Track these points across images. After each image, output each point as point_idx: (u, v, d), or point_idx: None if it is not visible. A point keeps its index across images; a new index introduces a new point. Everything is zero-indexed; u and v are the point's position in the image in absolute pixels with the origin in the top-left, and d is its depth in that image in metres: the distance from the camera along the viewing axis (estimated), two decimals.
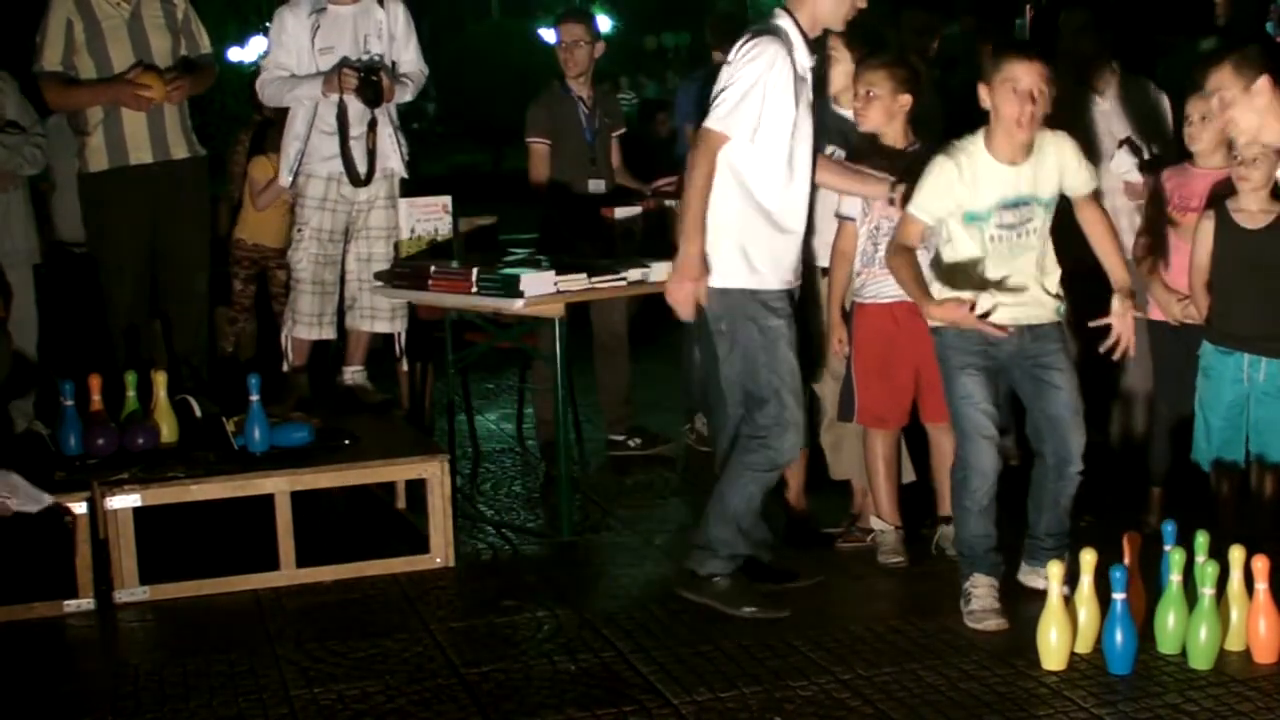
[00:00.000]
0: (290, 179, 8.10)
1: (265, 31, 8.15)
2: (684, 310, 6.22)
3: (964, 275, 6.09)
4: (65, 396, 7.02)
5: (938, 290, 6.09)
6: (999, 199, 5.99)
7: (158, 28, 8.12)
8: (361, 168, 7.95)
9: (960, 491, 6.19)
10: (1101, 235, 6.23)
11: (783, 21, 6.22)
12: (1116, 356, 6.15)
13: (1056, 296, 6.13)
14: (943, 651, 5.82)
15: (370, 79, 7.82)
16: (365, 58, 7.91)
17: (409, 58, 8.16)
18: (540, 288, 7.21)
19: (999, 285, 6.06)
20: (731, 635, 6.05)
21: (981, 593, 6.10)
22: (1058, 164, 6.05)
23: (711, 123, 6.09)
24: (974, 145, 6.03)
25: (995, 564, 6.17)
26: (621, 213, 8.19)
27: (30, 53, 8.11)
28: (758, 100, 6.07)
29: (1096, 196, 6.27)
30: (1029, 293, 6.09)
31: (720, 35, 9.07)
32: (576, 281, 7.33)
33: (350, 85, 7.82)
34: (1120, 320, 6.07)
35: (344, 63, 7.86)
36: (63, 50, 8.02)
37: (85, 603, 6.59)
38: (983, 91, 5.98)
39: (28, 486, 6.41)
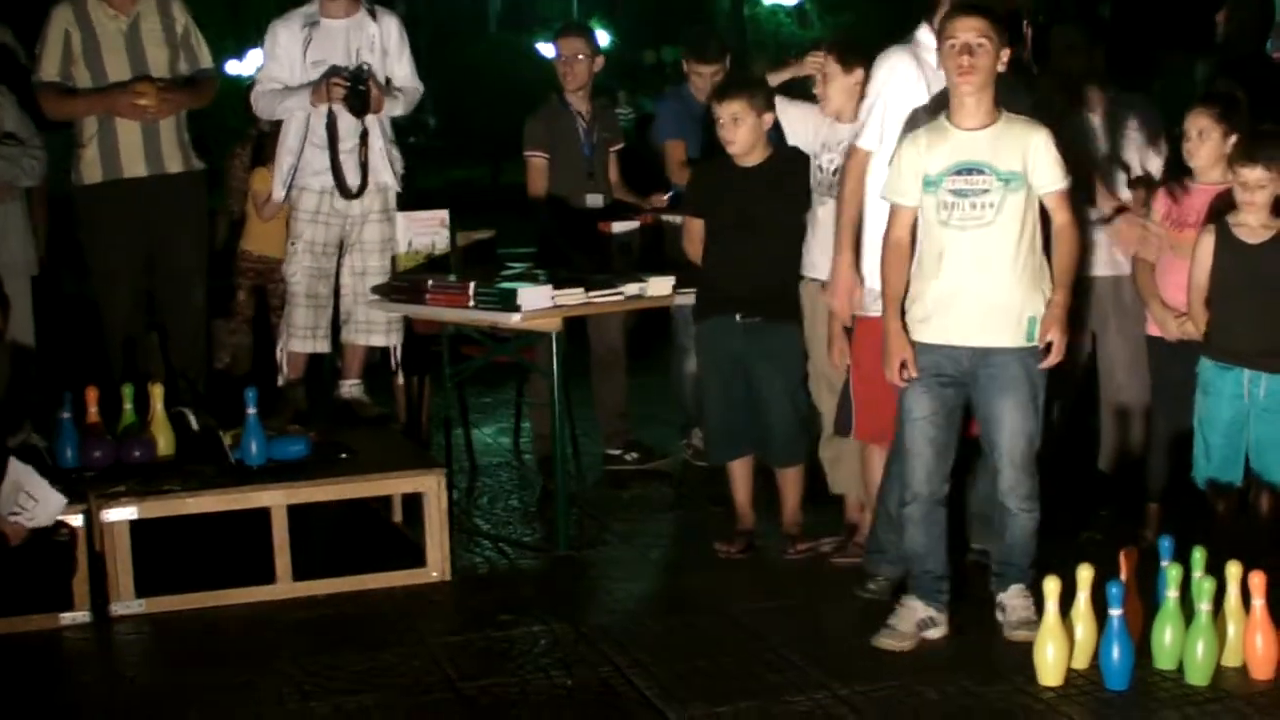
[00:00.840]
0: (284, 193, 8.11)
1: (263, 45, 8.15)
2: (846, 318, 6.58)
3: (927, 265, 5.98)
4: (63, 409, 7.02)
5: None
6: (952, 162, 5.90)
7: (155, 41, 8.12)
8: (353, 181, 7.95)
9: (898, 502, 6.21)
10: (1056, 244, 6.00)
11: (920, 32, 6.43)
12: (1045, 364, 5.98)
13: (1031, 319, 5.92)
14: (941, 666, 5.81)
15: (358, 88, 7.82)
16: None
17: (402, 72, 8.15)
18: (537, 302, 7.21)
19: (958, 287, 5.91)
20: (729, 650, 6.05)
21: (902, 613, 6.08)
22: (1021, 144, 5.89)
23: (857, 141, 6.50)
24: (939, 118, 6.02)
25: (930, 589, 6.09)
26: (619, 227, 8.18)
27: (29, 65, 8.13)
28: (880, 109, 6.40)
29: (1068, 202, 6.02)
30: (993, 308, 5.90)
31: (691, 44, 9.06)
32: (574, 296, 7.33)
33: (338, 95, 7.82)
34: (1048, 323, 5.93)
35: (332, 71, 7.87)
36: (60, 60, 8.03)
37: (81, 615, 6.58)
38: (938, 59, 6.00)
39: (44, 485, 6.41)
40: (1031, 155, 5.89)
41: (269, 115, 8.25)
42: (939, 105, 6.12)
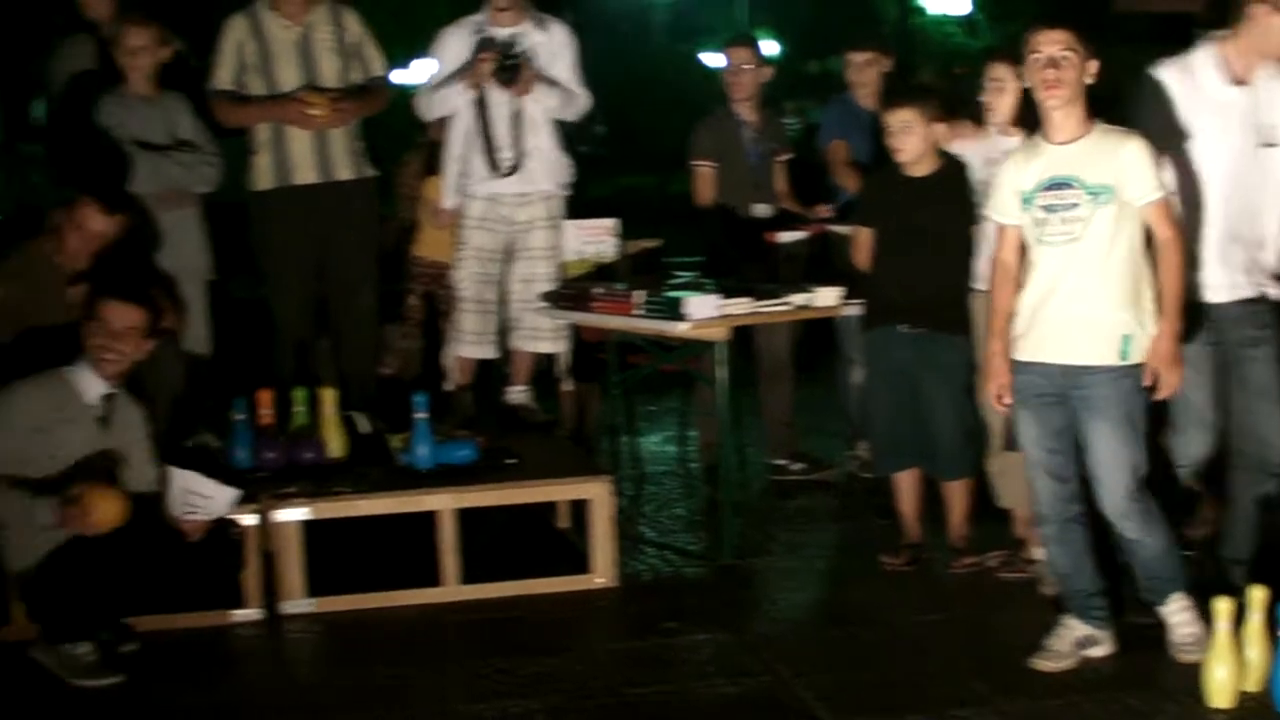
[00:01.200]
0: (453, 201, 8.20)
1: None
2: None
3: (1026, 282, 5.90)
4: (236, 411, 7.14)
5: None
6: (1044, 177, 5.81)
7: (327, 49, 8.22)
8: (505, 160, 8.03)
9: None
10: (1159, 263, 5.81)
11: (1199, 48, 6.32)
12: (1155, 397, 5.85)
13: (1125, 338, 5.76)
14: (1108, 685, 5.74)
15: (506, 61, 7.87)
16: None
17: (566, 78, 8.18)
18: (704, 311, 7.22)
19: (1049, 302, 5.82)
20: (893, 662, 6.04)
21: (1059, 632, 5.99)
22: (1112, 157, 5.74)
23: None
24: (1035, 135, 5.95)
25: (1083, 607, 6.00)
26: (785, 237, 8.17)
27: (206, 73, 8.26)
28: None
29: (1168, 215, 5.82)
30: (1082, 325, 5.78)
31: (851, 39, 9.09)
32: (741, 305, 7.34)
33: (486, 70, 7.89)
34: (1152, 358, 5.78)
35: (481, 45, 7.95)
36: (234, 70, 8.16)
37: (252, 613, 6.70)
38: (1025, 74, 5.90)
39: (211, 483, 6.51)
40: (1123, 166, 5.74)
41: (428, 113, 8.33)
42: None
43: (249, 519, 6.66)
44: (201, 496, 6.45)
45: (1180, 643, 5.91)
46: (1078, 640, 5.97)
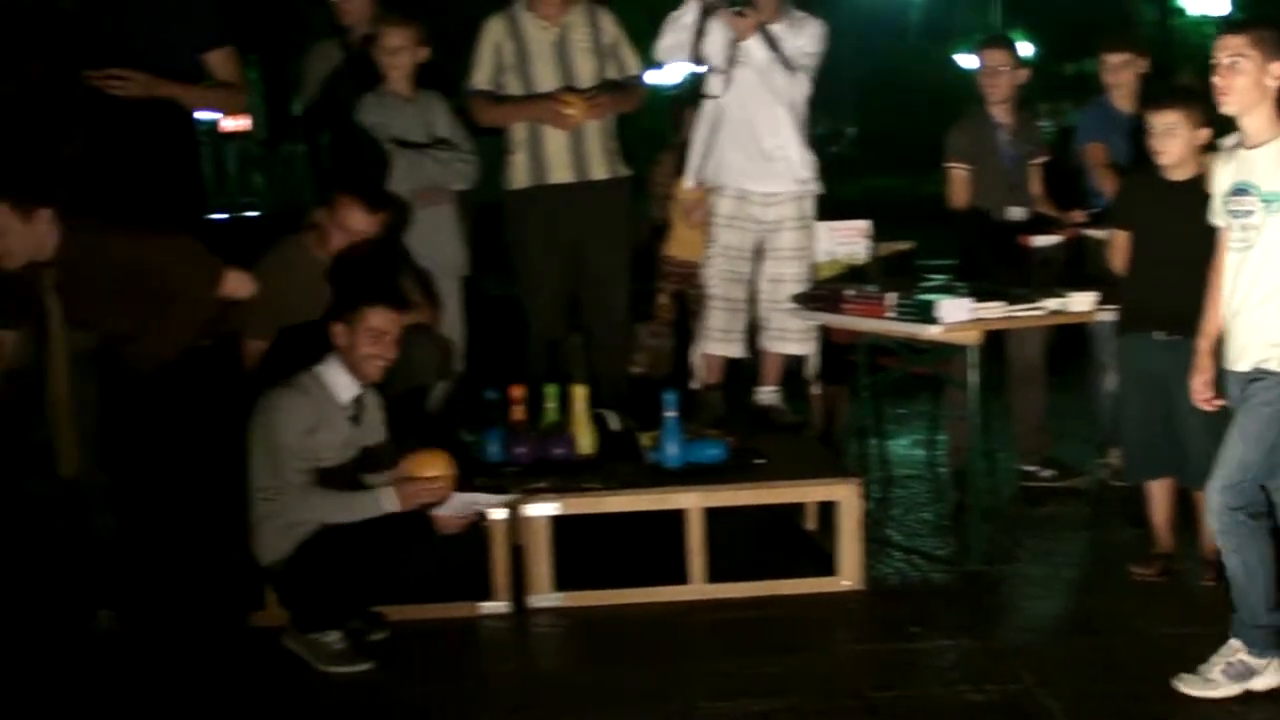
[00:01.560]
0: (693, 182, 8.28)
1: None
2: None
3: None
4: (489, 407, 7.24)
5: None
6: (1232, 182, 5.77)
7: (583, 50, 8.31)
8: (710, 84, 8.09)
9: None
10: None
11: None
12: None
13: None
14: None
15: None
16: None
17: (792, 55, 8.10)
18: (956, 314, 7.17)
19: (1230, 309, 5.79)
20: (1142, 674, 5.94)
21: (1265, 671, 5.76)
22: None
23: None
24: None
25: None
26: (1040, 241, 8.07)
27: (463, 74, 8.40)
28: None
29: None
30: (1255, 331, 5.70)
31: (1106, 40, 8.98)
32: (994, 309, 7.28)
33: None
34: None
35: None
36: (491, 70, 8.29)
37: (500, 605, 6.79)
38: None
39: (490, 497, 6.63)
40: None
41: (660, 51, 8.32)
42: None
43: (499, 513, 6.76)
44: (480, 507, 6.57)
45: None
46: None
